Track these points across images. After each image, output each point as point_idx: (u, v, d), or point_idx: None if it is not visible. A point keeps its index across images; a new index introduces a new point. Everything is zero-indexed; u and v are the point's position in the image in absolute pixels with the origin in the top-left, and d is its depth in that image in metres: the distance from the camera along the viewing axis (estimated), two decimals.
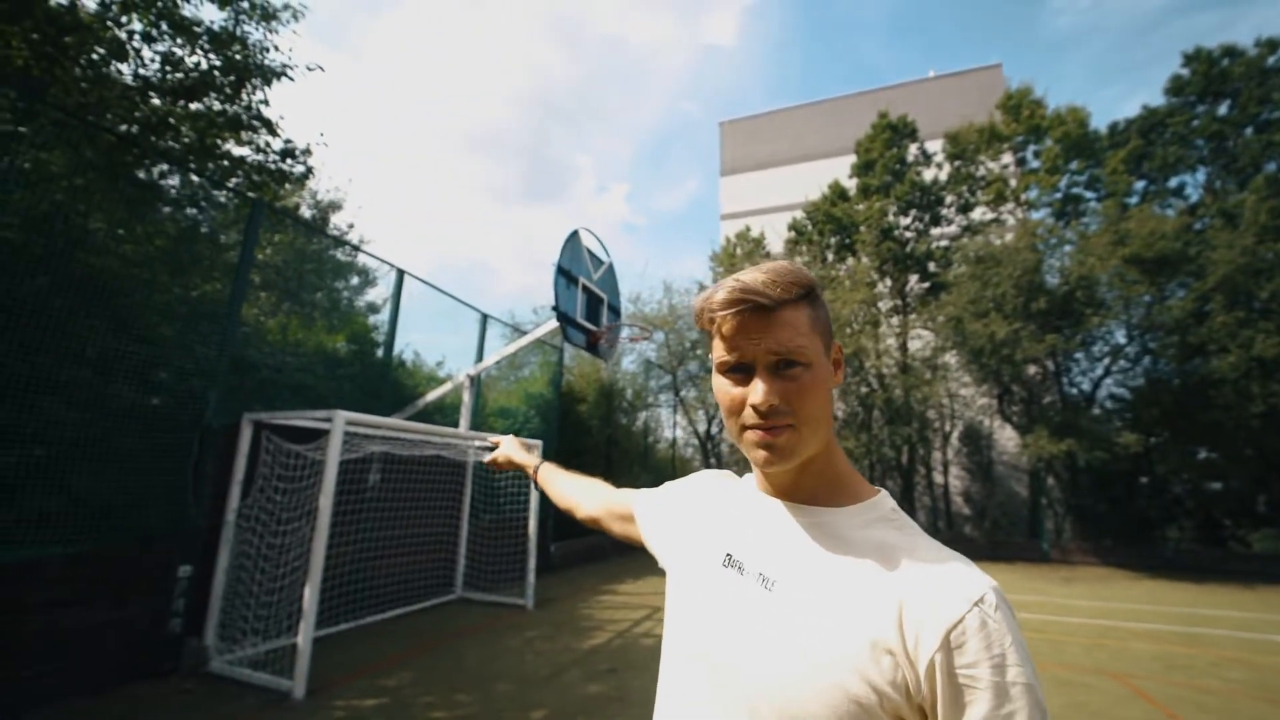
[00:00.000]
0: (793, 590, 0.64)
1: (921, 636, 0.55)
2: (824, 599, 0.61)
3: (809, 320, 0.66)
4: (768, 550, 0.69)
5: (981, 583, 0.58)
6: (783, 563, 0.66)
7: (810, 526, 0.68)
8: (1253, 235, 10.30)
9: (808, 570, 0.64)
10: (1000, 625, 0.55)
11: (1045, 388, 12.99)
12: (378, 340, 7.22)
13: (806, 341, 0.65)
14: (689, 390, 16.37)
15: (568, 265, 5.86)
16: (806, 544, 0.66)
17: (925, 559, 0.61)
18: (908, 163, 14.80)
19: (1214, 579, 9.84)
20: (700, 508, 0.84)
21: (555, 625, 5.88)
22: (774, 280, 0.64)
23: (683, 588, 0.76)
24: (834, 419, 0.70)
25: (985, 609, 0.55)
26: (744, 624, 0.65)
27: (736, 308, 0.64)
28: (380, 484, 6.12)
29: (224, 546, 4.54)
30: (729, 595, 0.69)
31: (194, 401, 4.60)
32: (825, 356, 0.67)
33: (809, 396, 0.64)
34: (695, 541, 0.79)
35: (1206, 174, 13.38)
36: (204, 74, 5.50)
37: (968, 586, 0.57)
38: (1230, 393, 10.08)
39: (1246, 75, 12.74)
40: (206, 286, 5.40)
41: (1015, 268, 11.19)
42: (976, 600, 0.56)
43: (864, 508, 0.68)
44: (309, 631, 3.94)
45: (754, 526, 0.73)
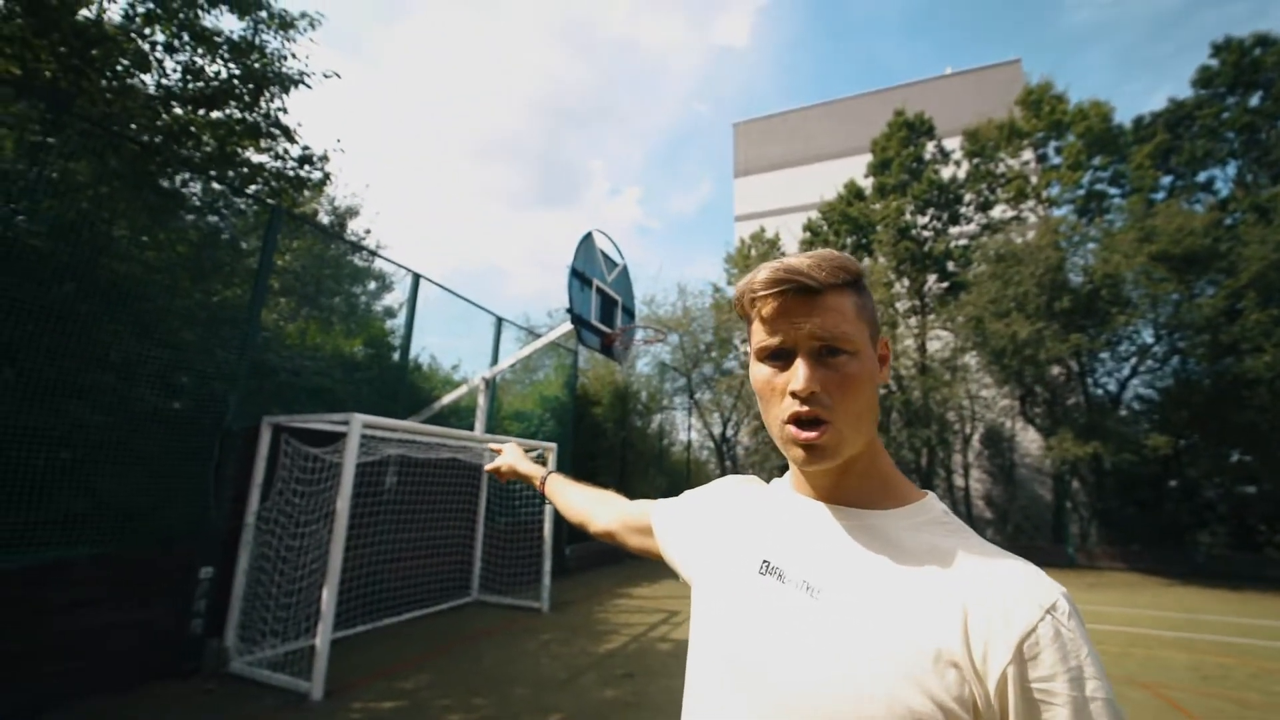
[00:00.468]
0: (841, 597, 0.59)
1: (991, 647, 0.51)
2: (876, 607, 0.57)
3: (855, 308, 0.63)
4: (811, 556, 0.64)
5: (1052, 588, 0.54)
6: (828, 569, 0.62)
7: (856, 530, 0.63)
8: None
9: (857, 576, 0.60)
10: (1075, 635, 0.52)
11: (1069, 389, 12.68)
12: (394, 344, 7.29)
13: (853, 329, 0.61)
14: (704, 393, 16.29)
15: (582, 267, 5.85)
16: (853, 548, 0.62)
17: (987, 563, 0.57)
18: (925, 161, 14.58)
19: (1250, 586, 9.50)
20: (727, 514, 0.80)
21: (571, 629, 5.86)
22: (819, 264, 0.61)
23: (714, 598, 0.71)
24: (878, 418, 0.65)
25: (1059, 617, 0.52)
26: (787, 634, 0.60)
27: (780, 287, 0.61)
28: (397, 487, 6.15)
29: (244, 548, 4.59)
30: (769, 604, 0.64)
31: (215, 405, 4.66)
32: (872, 348, 0.64)
33: (853, 388, 0.60)
34: (725, 549, 0.75)
35: (1237, 167, 12.98)
36: (224, 83, 5.59)
37: (1038, 592, 0.53)
38: (1265, 393, 9.74)
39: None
40: (227, 292, 5.48)
41: (1038, 266, 10.94)
42: (1049, 607, 0.52)
43: (913, 510, 0.64)
44: (327, 633, 3.97)
45: (793, 531, 0.69)
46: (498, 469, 1.35)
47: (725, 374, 16.36)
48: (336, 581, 4.10)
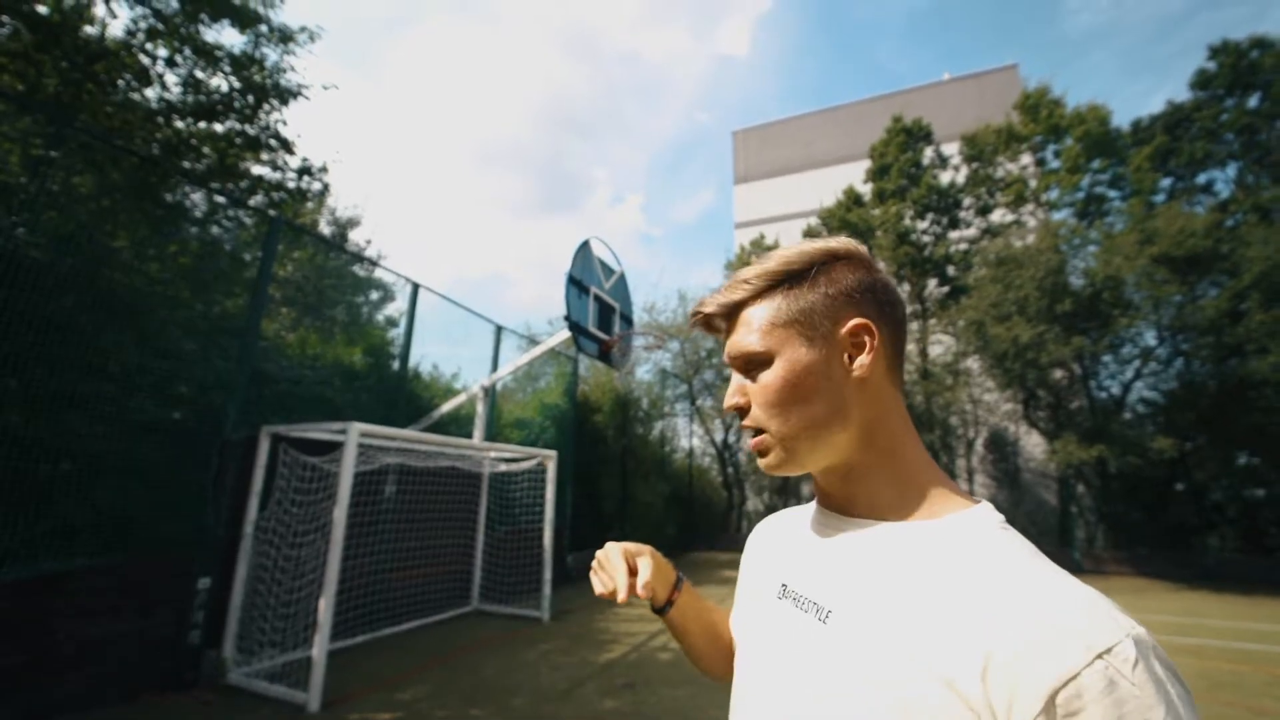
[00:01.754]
0: (851, 622, 0.53)
1: (1017, 694, 0.41)
2: (888, 634, 0.49)
3: (772, 312, 0.59)
4: (823, 575, 0.59)
5: (1115, 628, 0.41)
6: (840, 590, 0.56)
7: (872, 545, 0.57)
8: None
9: (869, 598, 0.53)
10: (1146, 694, 0.38)
11: (1072, 392, 12.61)
12: (394, 353, 7.30)
13: (760, 337, 0.59)
14: (705, 399, 16.25)
15: (579, 275, 5.86)
16: (868, 566, 0.55)
17: (1032, 590, 0.46)
18: (924, 166, 14.62)
19: (1262, 590, 9.38)
20: (759, 550, 0.79)
21: (571, 638, 5.82)
22: (731, 284, 0.63)
23: (742, 629, 0.72)
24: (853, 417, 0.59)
25: (1117, 664, 0.39)
26: (798, 663, 0.56)
27: (693, 323, 0.65)
28: (395, 496, 6.14)
29: (242, 558, 4.58)
30: (782, 629, 0.60)
31: (214, 415, 4.67)
32: (810, 346, 0.58)
33: (774, 395, 0.58)
34: (756, 581, 0.74)
35: (1237, 169, 12.97)
36: (224, 96, 5.66)
37: (1091, 631, 0.41)
38: (1272, 394, 9.66)
39: (1278, 67, 12.36)
40: (228, 302, 5.51)
41: (1038, 269, 10.92)
42: (1102, 651, 0.40)
43: (949, 523, 0.55)
44: (324, 644, 3.95)
45: (808, 550, 0.64)
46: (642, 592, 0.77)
47: (726, 380, 16.33)
48: (334, 591, 4.08)
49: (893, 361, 0.60)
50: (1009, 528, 0.54)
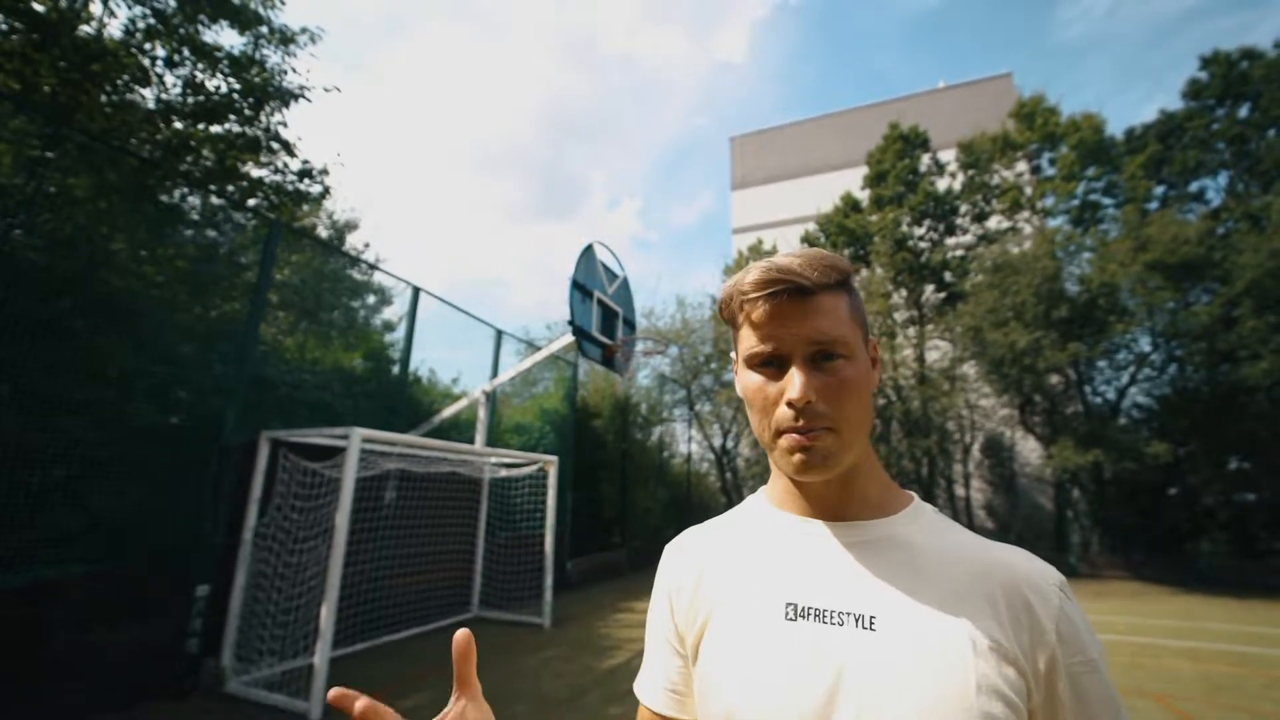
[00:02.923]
0: (901, 622, 0.54)
1: (1034, 637, 0.53)
2: (938, 623, 0.54)
3: (848, 309, 0.60)
4: (849, 585, 0.57)
5: (1050, 568, 0.58)
6: (873, 593, 0.56)
7: (875, 545, 0.59)
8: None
9: (907, 595, 0.56)
10: (1075, 603, 0.57)
11: (1068, 397, 12.69)
12: (394, 357, 7.25)
13: (848, 331, 0.58)
14: (703, 404, 16.25)
15: (582, 279, 5.84)
16: (889, 564, 0.58)
17: (995, 554, 0.59)
18: (920, 173, 14.71)
19: (1254, 594, 9.45)
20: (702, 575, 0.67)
21: (573, 645, 5.77)
22: (811, 263, 0.58)
23: (731, 664, 0.59)
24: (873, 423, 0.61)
25: (1065, 592, 0.56)
26: (855, 679, 0.53)
27: (771, 289, 0.57)
28: (396, 501, 6.08)
29: (241, 565, 4.52)
30: (818, 652, 0.55)
31: (212, 420, 4.61)
32: (864, 351, 0.62)
33: (851, 393, 0.57)
34: (722, 605, 0.63)
35: (1229, 177, 13.13)
36: (224, 97, 5.61)
37: (1048, 574, 0.57)
38: (1264, 400, 9.78)
39: (1267, 78, 12.54)
40: (226, 306, 5.46)
41: (1034, 275, 11.01)
42: (1059, 585, 0.56)
43: (913, 512, 0.63)
44: (325, 652, 3.89)
45: (811, 563, 0.60)
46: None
47: (725, 385, 16.33)
48: (335, 598, 4.03)
49: None
50: (938, 509, 0.65)
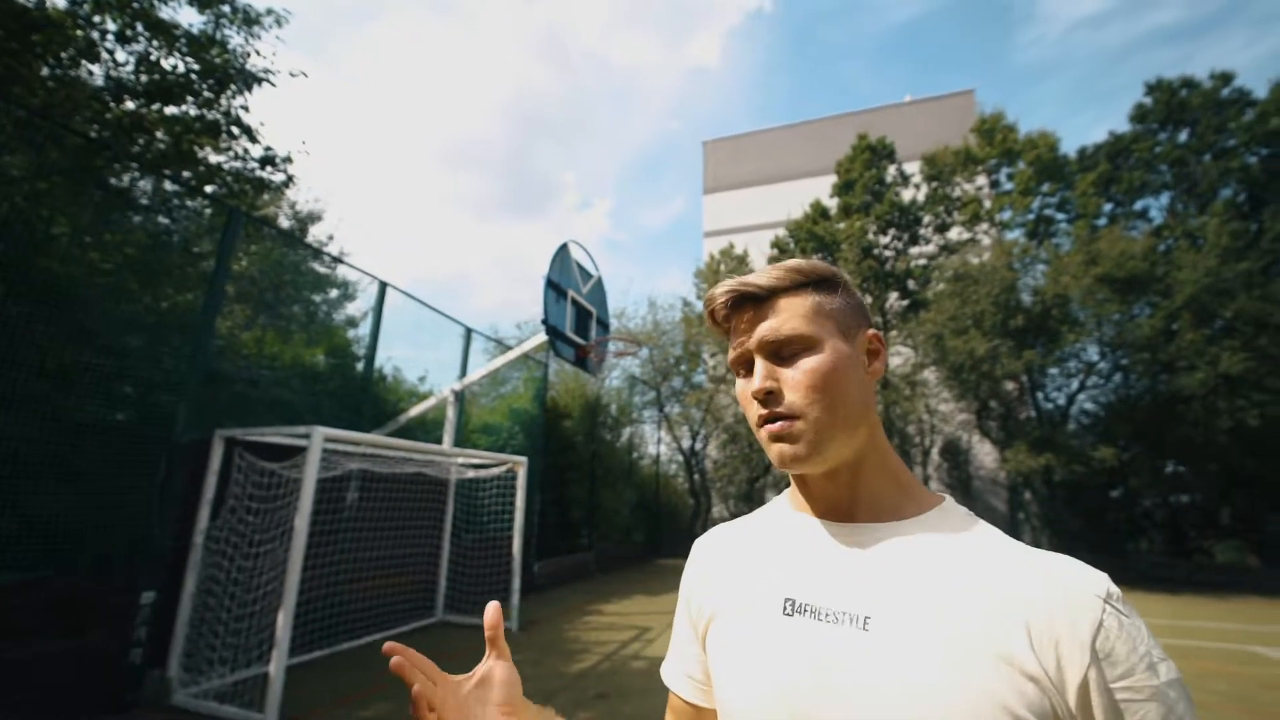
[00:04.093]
0: (895, 624, 0.53)
1: (1064, 653, 0.48)
2: (936, 627, 0.52)
3: (812, 306, 0.62)
4: (847, 584, 0.57)
5: (1099, 576, 0.52)
6: (869, 596, 0.56)
7: (884, 546, 0.58)
8: (1215, 256, 10.70)
9: (905, 597, 0.54)
10: (1135, 619, 0.50)
11: (1022, 403, 13.24)
12: (358, 354, 7.02)
13: (805, 325, 0.61)
14: (673, 406, 16.31)
15: (557, 279, 5.77)
16: (891, 567, 0.56)
17: (1029, 562, 0.54)
18: (886, 183, 15.13)
19: (1186, 590, 10.04)
20: (714, 571, 0.70)
21: (541, 648, 5.68)
22: (768, 271, 0.63)
23: (729, 659, 0.62)
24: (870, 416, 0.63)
25: (1116, 604, 0.50)
26: (841, 676, 0.53)
27: (727, 298, 0.63)
28: (359, 503, 5.88)
29: (191, 570, 4.29)
30: (809, 646, 0.56)
31: (161, 417, 4.36)
32: (845, 342, 0.62)
33: (817, 380, 0.58)
34: (727, 600, 0.66)
35: (1170, 198, 13.94)
36: (181, 77, 5.33)
37: (1090, 583, 0.51)
38: (1199, 408, 10.38)
39: (1203, 105, 13.37)
40: (178, 297, 5.17)
41: (993, 286, 11.44)
42: (1105, 596, 0.50)
43: (937, 515, 0.60)
44: (282, 660, 3.72)
45: (812, 560, 0.61)
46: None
47: (694, 388, 16.43)
48: (293, 604, 3.86)
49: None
50: (972, 514, 0.61)
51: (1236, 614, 8.14)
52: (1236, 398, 10.04)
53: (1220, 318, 10.67)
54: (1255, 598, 9.58)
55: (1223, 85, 13.53)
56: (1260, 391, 9.99)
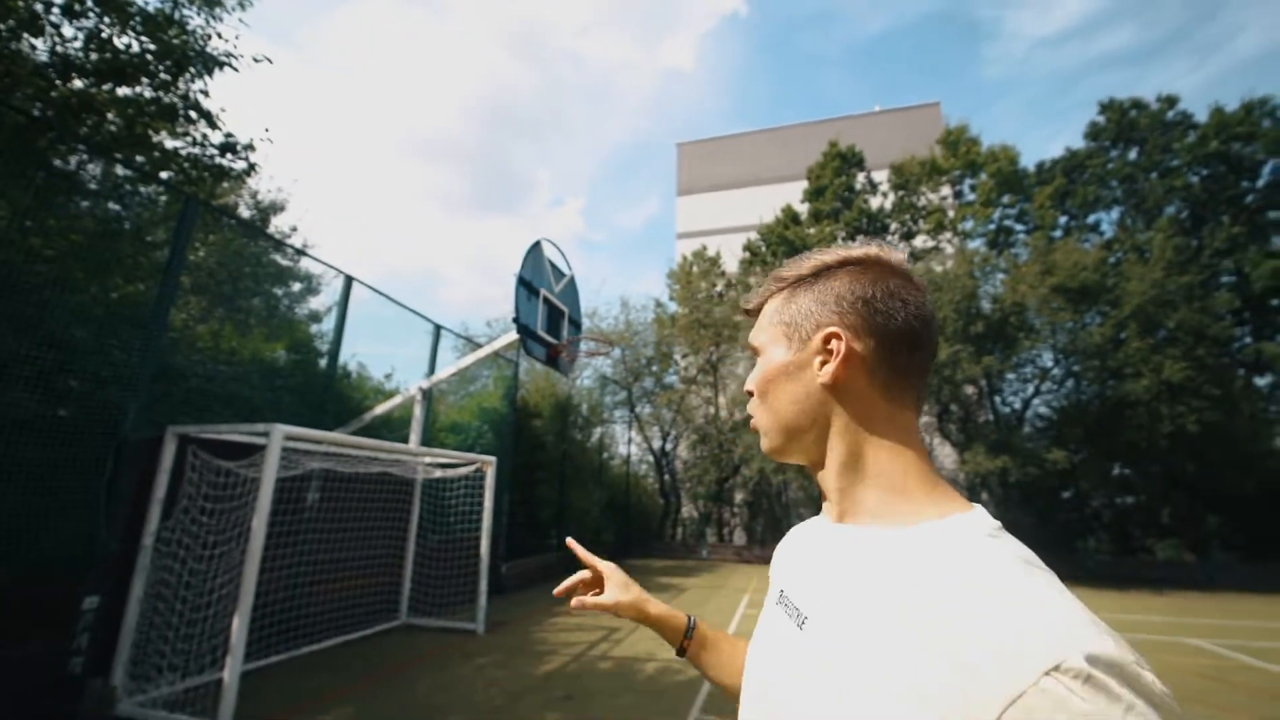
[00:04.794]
0: (823, 630, 0.52)
1: (970, 712, 0.39)
2: (857, 643, 0.48)
3: (773, 311, 0.66)
4: (806, 581, 0.60)
5: (1070, 643, 0.38)
6: (817, 596, 0.56)
7: (854, 551, 0.55)
8: (1160, 269, 11.30)
9: (842, 605, 0.52)
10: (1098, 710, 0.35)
11: (980, 407, 13.72)
12: (321, 350, 6.82)
13: (757, 333, 0.67)
14: (644, 406, 16.33)
15: (529, 277, 5.72)
16: (845, 573, 0.55)
17: (1002, 597, 0.42)
18: (855, 190, 15.49)
19: (1131, 586, 10.56)
20: (778, 560, 0.77)
21: (508, 650, 5.62)
22: (773, 276, 0.68)
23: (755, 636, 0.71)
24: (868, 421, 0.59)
25: (1066, 681, 0.36)
26: (777, 667, 0.58)
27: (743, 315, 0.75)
28: (320, 503, 5.72)
29: (139, 574, 4.09)
30: (771, 634, 0.62)
31: (109, 412, 4.15)
32: (787, 349, 0.62)
33: (753, 386, 0.66)
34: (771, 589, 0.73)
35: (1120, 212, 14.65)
36: (135, 57, 5.08)
37: (1045, 646, 0.38)
38: (1144, 413, 10.93)
39: (1151, 126, 14.10)
40: (129, 287, 4.93)
41: (955, 293, 11.82)
42: (1051, 667, 0.37)
43: (934, 528, 0.52)
44: (237, 666, 3.59)
45: (802, 556, 0.66)
46: (609, 606, 0.92)
47: (666, 388, 16.49)
48: (249, 607, 3.72)
49: (887, 373, 0.58)
50: (1000, 534, 0.50)
51: (1174, 608, 8.60)
52: (1177, 404, 10.62)
53: (1164, 328, 11.27)
54: (1192, 592, 10.14)
55: (1168, 108, 14.31)
56: (1198, 399, 10.59)
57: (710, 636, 0.94)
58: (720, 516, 16.24)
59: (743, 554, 14.42)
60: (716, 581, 10.78)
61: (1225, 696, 4.56)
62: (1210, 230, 13.29)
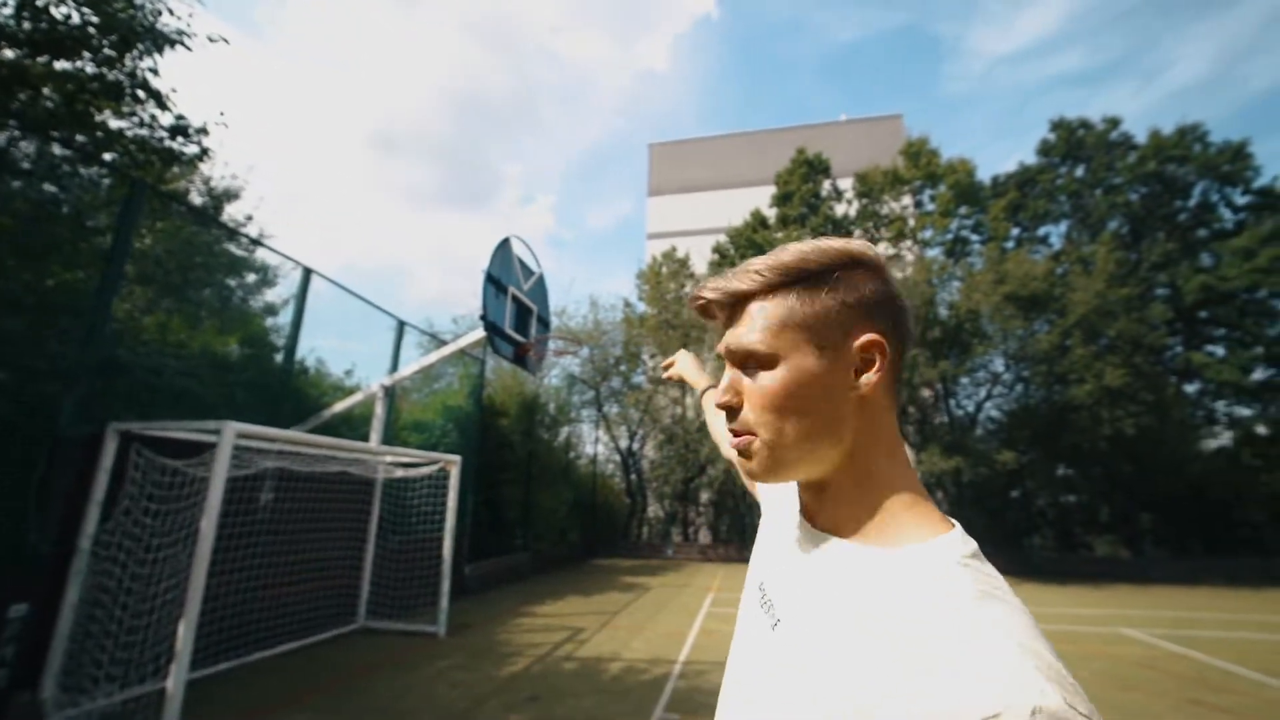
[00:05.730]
0: (791, 637, 0.53)
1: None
2: (819, 656, 0.49)
3: (783, 314, 0.55)
4: (784, 582, 0.60)
5: (1016, 692, 0.37)
6: (791, 602, 0.56)
7: (827, 562, 0.55)
8: (1103, 281, 11.94)
9: (811, 616, 0.52)
10: None
11: (935, 409, 14.23)
12: (277, 345, 6.56)
13: (763, 339, 0.55)
14: (611, 406, 16.31)
15: (498, 274, 5.64)
16: (817, 583, 0.54)
17: (947, 642, 0.42)
18: (822, 197, 15.84)
19: (1073, 581, 11.13)
20: (766, 520, 0.76)
21: (471, 653, 5.53)
22: (739, 272, 0.58)
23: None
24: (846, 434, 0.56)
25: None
26: (748, 664, 0.59)
27: (698, 302, 0.61)
28: (274, 503, 5.50)
29: (74, 578, 3.85)
30: (748, 628, 0.62)
31: (44, 408, 3.91)
32: (819, 355, 0.54)
33: (767, 401, 0.54)
34: (753, 561, 0.73)
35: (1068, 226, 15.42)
36: (75, 29, 4.78)
37: (989, 694, 0.37)
38: (1086, 417, 11.53)
39: (1096, 145, 14.90)
40: (67, 275, 4.64)
41: (914, 299, 12.22)
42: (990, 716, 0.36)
43: (902, 555, 0.50)
44: (182, 674, 3.42)
45: (783, 554, 0.64)
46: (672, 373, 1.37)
47: (633, 388, 16.51)
48: (196, 612, 3.55)
49: (894, 377, 0.57)
50: (970, 562, 0.48)
51: (1110, 600, 9.11)
52: (1116, 408, 11.24)
53: (1105, 336, 11.91)
54: (1126, 585, 10.76)
55: (1112, 128, 15.14)
56: (1135, 404, 11.24)
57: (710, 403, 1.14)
58: (686, 516, 16.35)
59: (707, 553, 14.56)
60: (682, 580, 10.86)
61: (1156, 683, 4.86)
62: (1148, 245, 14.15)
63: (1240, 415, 13.70)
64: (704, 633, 6.53)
